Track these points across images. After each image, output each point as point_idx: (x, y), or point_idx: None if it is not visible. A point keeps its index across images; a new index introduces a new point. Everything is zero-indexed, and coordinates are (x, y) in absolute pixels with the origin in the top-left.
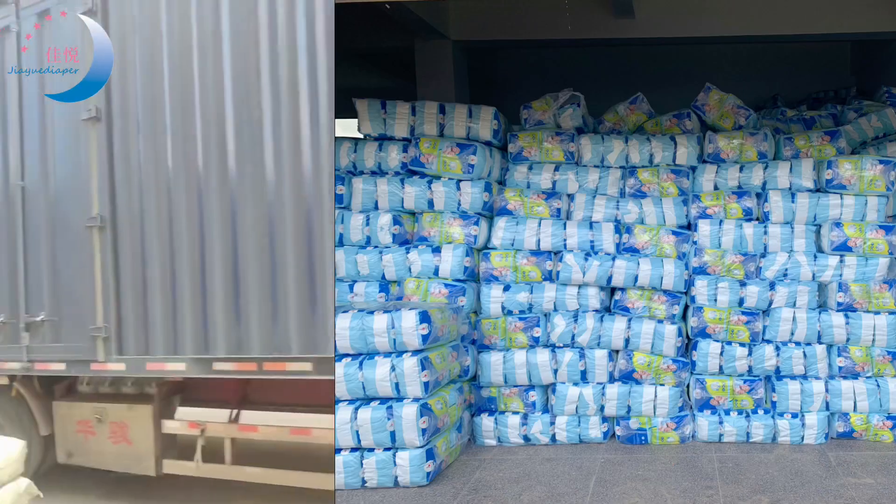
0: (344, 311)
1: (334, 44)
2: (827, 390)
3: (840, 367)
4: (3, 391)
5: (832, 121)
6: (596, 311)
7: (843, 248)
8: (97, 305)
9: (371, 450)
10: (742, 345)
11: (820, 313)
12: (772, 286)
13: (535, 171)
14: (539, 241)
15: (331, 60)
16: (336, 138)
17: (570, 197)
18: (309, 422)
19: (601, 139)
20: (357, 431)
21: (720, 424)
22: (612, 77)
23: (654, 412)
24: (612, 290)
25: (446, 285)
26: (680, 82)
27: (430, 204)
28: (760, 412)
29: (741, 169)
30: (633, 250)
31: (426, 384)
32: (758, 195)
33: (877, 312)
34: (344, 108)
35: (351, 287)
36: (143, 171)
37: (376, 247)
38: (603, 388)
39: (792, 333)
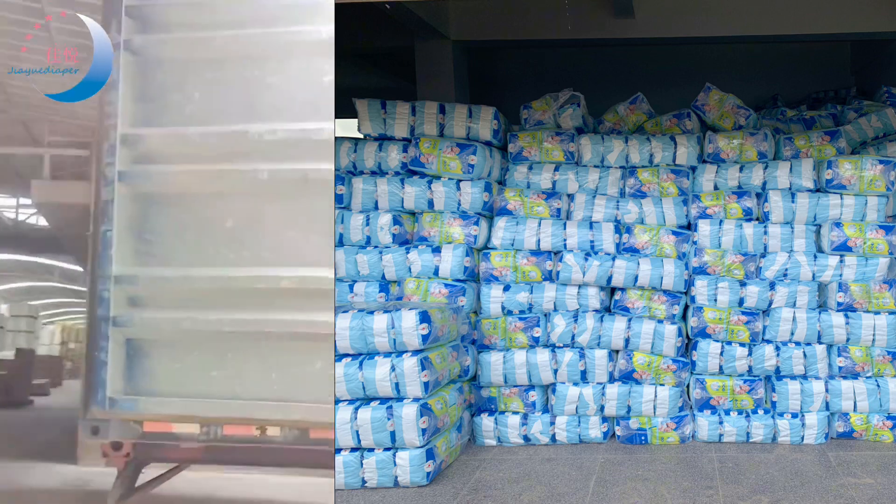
0: (344, 311)
1: (334, 44)
2: (827, 390)
3: (840, 367)
4: None
5: (832, 121)
6: (596, 311)
7: (843, 248)
8: None
9: (371, 450)
10: (742, 345)
11: (820, 313)
12: (772, 286)
13: (535, 171)
14: (539, 241)
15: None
16: (336, 138)
17: (570, 197)
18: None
19: (601, 139)
20: (357, 431)
21: (720, 424)
22: (612, 77)
23: (654, 412)
24: (612, 290)
25: (446, 285)
26: (680, 82)
27: (430, 204)
28: (760, 412)
29: (741, 169)
30: (633, 250)
31: (426, 384)
32: (758, 195)
33: (877, 312)
34: (344, 108)
35: (351, 287)
36: None
37: (376, 247)
38: (603, 388)
39: (792, 333)
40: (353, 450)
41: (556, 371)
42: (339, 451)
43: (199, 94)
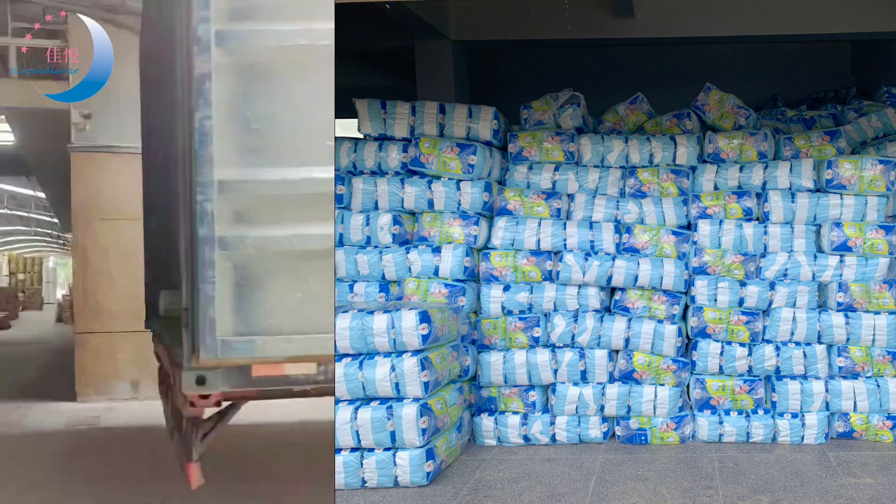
0: (344, 311)
1: (334, 44)
2: (827, 390)
3: (840, 367)
4: None
5: (832, 121)
6: (596, 311)
7: (843, 248)
8: None
9: (371, 450)
10: (742, 345)
11: (820, 313)
12: (772, 286)
13: (535, 171)
14: (539, 241)
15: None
16: (336, 138)
17: (570, 197)
18: None
19: (601, 139)
20: (357, 431)
21: (720, 424)
22: (612, 77)
23: (654, 412)
24: (612, 290)
25: (446, 285)
26: (680, 82)
27: (430, 204)
28: (760, 412)
29: (741, 169)
30: (633, 250)
31: (426, 384)
32: (758, 195)
33: (877, 312)
34: (344, 108)
35: (351, 287)
36: None
37: (376, 247)
38: (603, 388)
39: (792, 333)
40: (353, 450)
41: (556, 371)
42: (339, 451)
43: None
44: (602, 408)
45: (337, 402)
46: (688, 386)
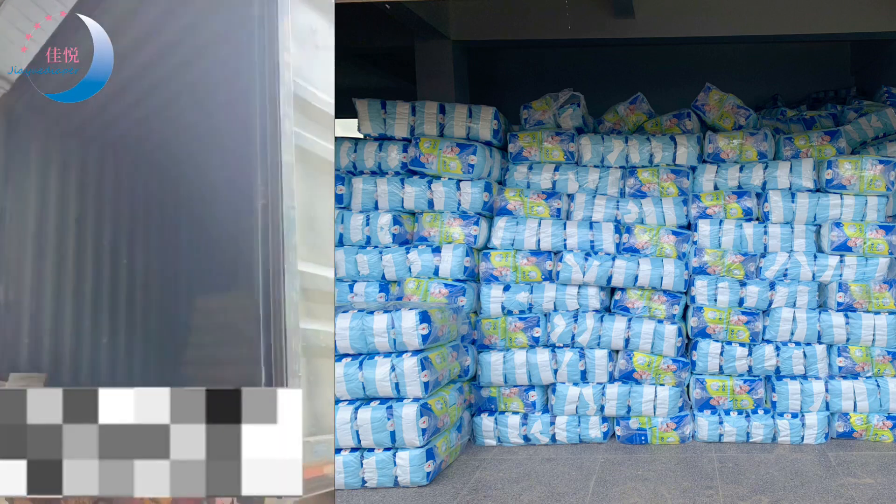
0: (344, 311)
1: (334, 44)
2: (827, 390)
3: (840, 367)
4: None
5: (832, 121)
6: (596, 311)
7: (843, 248)
8: None
9: (371, 450)
10: (742, 345)
11: (820, 313)
12: (772, 286)
13: (535, 171)
14: (539, 241)
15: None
16: (336, 138)
17: (570, 197)
18: None
19: (601, 139)
20: (357, 431)
21: (720, 424)
22: (612, 77)
23: (654, 412)
24: (612, 290)
25: (446, 285)
26: (680, 82)
27: (430, 204)
28: (760, 412)
29: (741, 169)
30: (633, 250)
31: (426, 384)
32: (758, 195)
33: (877, 312)
34: (344, 108)
35: (351, 287)
36: None
37: (376, 247)
38: (603, 388)
39: (792, 333)
40: (353, 450)
41: (556, 371)
42: (339, 451)
43: None
44: (602, 408)
45: (337, 402)
46: (688, 386)
